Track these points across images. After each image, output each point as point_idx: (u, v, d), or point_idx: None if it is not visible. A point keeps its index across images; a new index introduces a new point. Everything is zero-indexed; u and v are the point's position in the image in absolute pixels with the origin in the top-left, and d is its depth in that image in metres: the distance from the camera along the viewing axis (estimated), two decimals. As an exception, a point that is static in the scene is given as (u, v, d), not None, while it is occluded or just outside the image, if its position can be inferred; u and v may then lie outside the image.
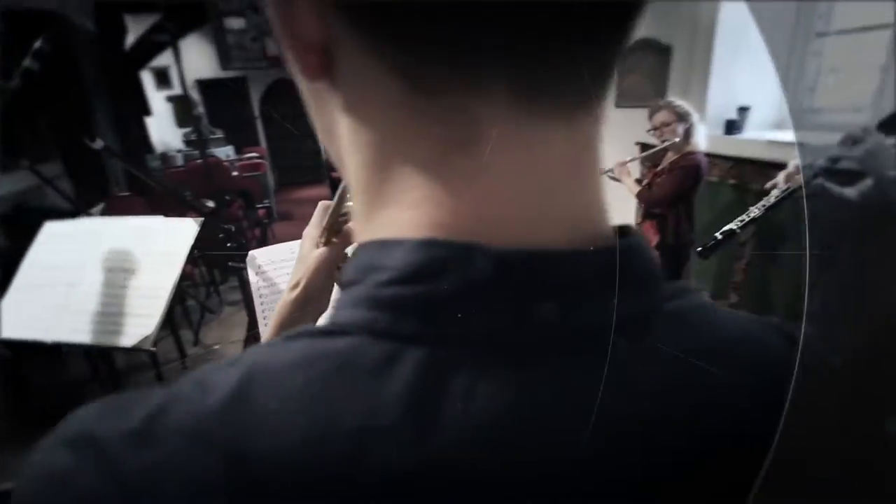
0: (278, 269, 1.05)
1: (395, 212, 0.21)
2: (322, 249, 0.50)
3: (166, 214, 1.63)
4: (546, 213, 0.21)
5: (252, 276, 1.03)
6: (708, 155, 2.88)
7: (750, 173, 2.65)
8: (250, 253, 1.06)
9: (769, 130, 2.77)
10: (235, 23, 6.84)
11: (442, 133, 0.20)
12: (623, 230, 0.24)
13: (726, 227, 1.64)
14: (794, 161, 1.49)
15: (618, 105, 3.59)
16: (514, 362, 0.19)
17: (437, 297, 0.19)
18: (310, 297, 0.49)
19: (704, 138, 2.24)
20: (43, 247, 1.49)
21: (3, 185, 3.40)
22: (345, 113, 0.23)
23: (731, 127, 2.79)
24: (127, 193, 4.18)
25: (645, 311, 0.22)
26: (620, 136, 3.39)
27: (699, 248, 1.76)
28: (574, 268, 0.20)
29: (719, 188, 2.85)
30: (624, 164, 2.38)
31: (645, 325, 0.22)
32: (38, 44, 1.86)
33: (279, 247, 1.09)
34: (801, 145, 0.79)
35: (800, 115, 2.28)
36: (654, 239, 2.37)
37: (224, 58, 6.90)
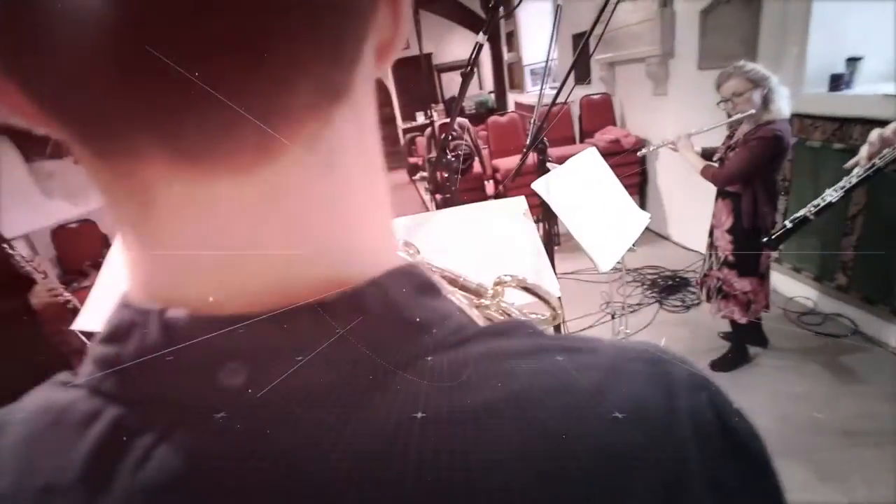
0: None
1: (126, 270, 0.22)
2: None
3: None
4: (234, 274, 0.20)
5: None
6: (807, 116, 2.52)
7: (861, 135, 2.26)
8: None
9: (885, 83, 2.33)
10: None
11: (128, 196, 0.19)
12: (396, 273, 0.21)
13: (798, 214, 1.41)
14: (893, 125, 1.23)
15: (701, 67, 3.24)
16: (197, 428, 0.19)
17: (125, 358, 0.19)
18: None
19: (788, 103, 1.93)
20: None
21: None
22: None
23: (837, 82, 2.39)
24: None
25: (381, 368, 0.19)
26: (706, 103, 3.06)
27: (765, 238, 1.55)
28: (258, 332, 0.19)
29: (822, 154, 2.47)
30: (687, 137, 2.12)
31: (373, 385, 0.19)
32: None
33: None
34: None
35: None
36: (727, 222, 2.13)
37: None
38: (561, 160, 1.44)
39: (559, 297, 0.49)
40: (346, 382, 0.19)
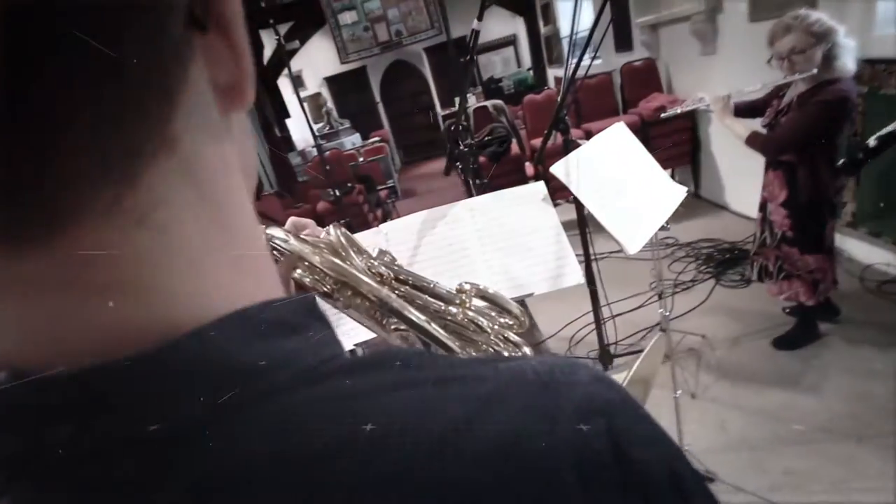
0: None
1: None
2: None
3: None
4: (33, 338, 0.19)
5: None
6: (880, 61, 2.22)
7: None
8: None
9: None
10: (348, 16, 7.29)
11: None
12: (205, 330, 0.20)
13: (885, 131, 1.21)
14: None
15: (753, 19, 2.95)
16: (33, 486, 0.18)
17: None
18: None
19: (854, 58, 1.67)
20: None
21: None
22: None
23: (916, 18, 2.09)
24: (269, 192, 4.86)
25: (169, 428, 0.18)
26: (760, 59, 2.80)
27: (841, 161, 1.36)
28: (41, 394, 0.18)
29: (900, 103, 2.19)
30: (726, 100, 1.89)
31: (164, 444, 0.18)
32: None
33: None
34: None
35: None
36: (781, 195, 1.91)
37: (342, 52, 7.44)
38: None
39: (524, 305, 0.48)
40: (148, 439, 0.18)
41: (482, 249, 1.15)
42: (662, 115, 2.19)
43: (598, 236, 1.79)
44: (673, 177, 4.60)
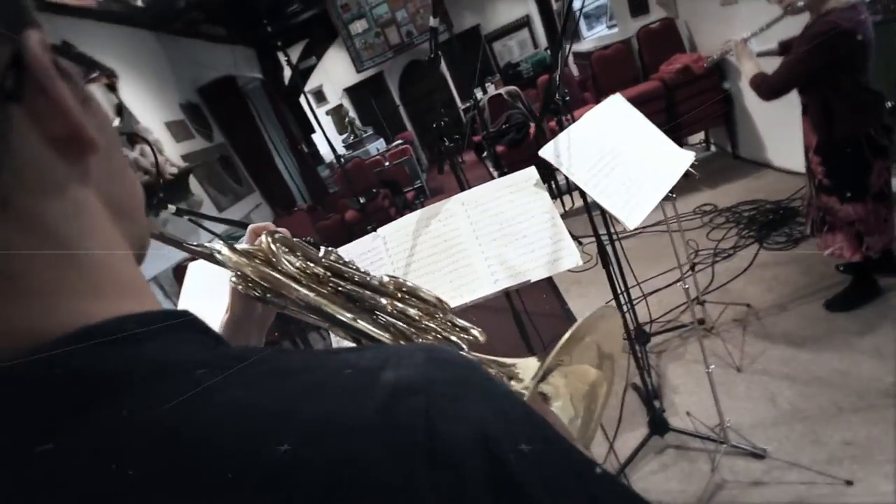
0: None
1: None
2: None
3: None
4: None
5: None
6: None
7: None
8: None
9: None
10: (359, 25, 7.39)
11: None
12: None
13: None
14: None
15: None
16: None
17: None
18: (237, 320, 0.54)
19: None
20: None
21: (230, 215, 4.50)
22: None
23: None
24: (299, 208, 5.02)
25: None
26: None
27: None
28: None
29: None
30: (744, 42, 1.78)
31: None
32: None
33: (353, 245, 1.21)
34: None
35: None
36: (813, 140, 1.76)
37: (357, 61, 7.56)
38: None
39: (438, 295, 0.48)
40: None
41: (477, 242, 1.13)
42: (705, 65, 2.10)
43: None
44: (707, 140, 4.34)
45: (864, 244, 1.77)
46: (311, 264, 0.49)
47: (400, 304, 0.46)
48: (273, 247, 0.48)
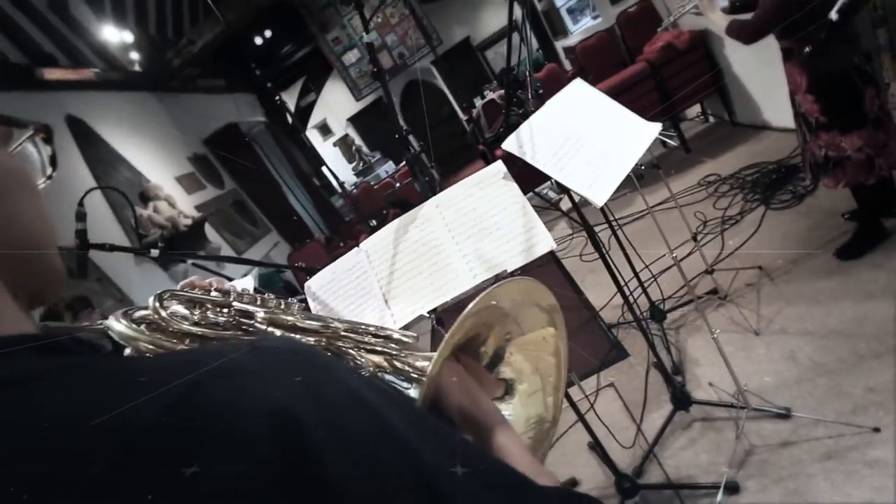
0: (328, 292, 1.27)
1: None
2: None
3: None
4: None
5: (311, 304, 1.27)
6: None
7: None
8: (306, 284, 1.30)
9: None
10: (352, 55, 7.64)
11: None
12: None
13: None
14: None
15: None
16: None
17: None
18: None
19: None
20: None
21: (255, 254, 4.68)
22: None
23: None
24: (313, 240, 5.18)
25: None
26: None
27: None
28: None
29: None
30: None
31: None
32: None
33: (324, 272, 1.30)
34: None
35: None
36: (803, 82, 1.77)
37: (354, 90, 7.80)
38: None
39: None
40: None
41: (454, 241, 1.19)
42: (659, 28, 2.12)
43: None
44: (704, 111, 4.29)
45: (877, 165, 1.75)
46: (214, 314, 0.48)
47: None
48: (162, 313, 0.45)
